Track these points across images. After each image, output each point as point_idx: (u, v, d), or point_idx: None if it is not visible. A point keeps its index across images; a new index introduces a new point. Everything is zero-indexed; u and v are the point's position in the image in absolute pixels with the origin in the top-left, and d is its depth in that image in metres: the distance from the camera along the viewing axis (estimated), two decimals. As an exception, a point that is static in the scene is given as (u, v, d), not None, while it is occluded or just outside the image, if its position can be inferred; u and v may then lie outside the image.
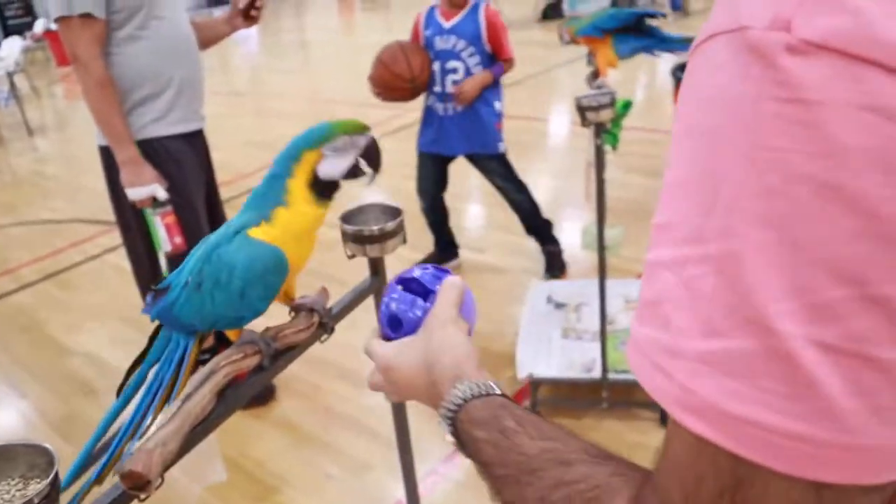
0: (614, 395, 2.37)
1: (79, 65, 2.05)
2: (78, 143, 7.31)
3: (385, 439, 2.43)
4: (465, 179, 4.80)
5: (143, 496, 0.88)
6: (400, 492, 2.20)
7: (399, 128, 6.05)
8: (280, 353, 1.09)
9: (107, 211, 4.92)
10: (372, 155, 1.03)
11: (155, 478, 0.86)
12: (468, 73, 3.05)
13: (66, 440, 2.63)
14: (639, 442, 2.28)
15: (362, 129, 1.02)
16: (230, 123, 6.93)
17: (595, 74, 2.29)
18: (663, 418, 2.33)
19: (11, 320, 3.61)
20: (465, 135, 3.15)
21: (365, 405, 2.62)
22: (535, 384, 2.40)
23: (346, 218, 1.25)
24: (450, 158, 3.31)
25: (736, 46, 0.37)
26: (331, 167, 1.00)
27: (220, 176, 2.66)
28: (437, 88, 3.08)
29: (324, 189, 1.01)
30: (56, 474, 0.79)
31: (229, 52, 11.47)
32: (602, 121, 1.97)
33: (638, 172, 4.33)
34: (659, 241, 0.43)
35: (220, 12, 2.36)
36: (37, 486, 0.80)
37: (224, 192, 4.56)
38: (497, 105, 3.19)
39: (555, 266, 3.33)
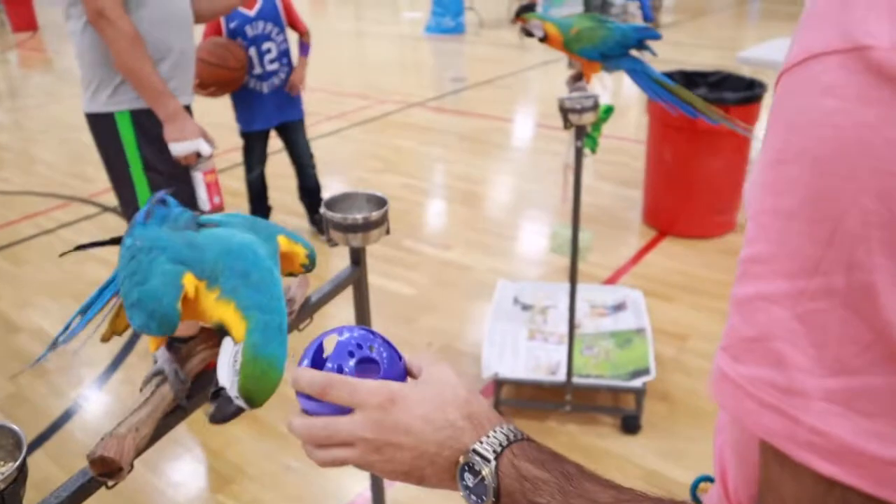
0: (577, 399, 2.38)
1: (106, 23, 1.96)
2: (32, 113, 7.07)
3: (345, 433, 2.40)
4: (430, 175, 4.79)
5: (111, 483, 0.84)
6: (359, 487, 2.18)
7: (367, 119, 5.99)
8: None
9: (61, 184, 4.81)
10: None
11: (127, 464, 0.82)
12: (279, 51, 3.41)
13: (12, 419, 2.53)
14: (599, 446, 2.30)
15: (248, 394, 0.84)
16: (198, 107, 6.76)
17: (577, 76, 2.29)
18: (624, 425, 2.35)
19: (-43, 292, 3.47)
20: (287, 104, 3.53)
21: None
22: (498, 384, 2.40)
23: (330, 204, 1.22)
24: (268, 132, 3.59)
25: (852, 67, 0.35)
26: (222, 354, 0.85)
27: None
28: (258, 70, 3.37)
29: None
30: (24, 458, 0.75)
31: (201, 33, 11.16)
32: (584, 123, 1.97)
33: (608, 180, 4.36)
34: (757, 275, 0.41)
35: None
36: (2, 469, 0.76)
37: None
38: None
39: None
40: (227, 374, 0.82)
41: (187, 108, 2.30)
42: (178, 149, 2.09)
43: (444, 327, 2.98)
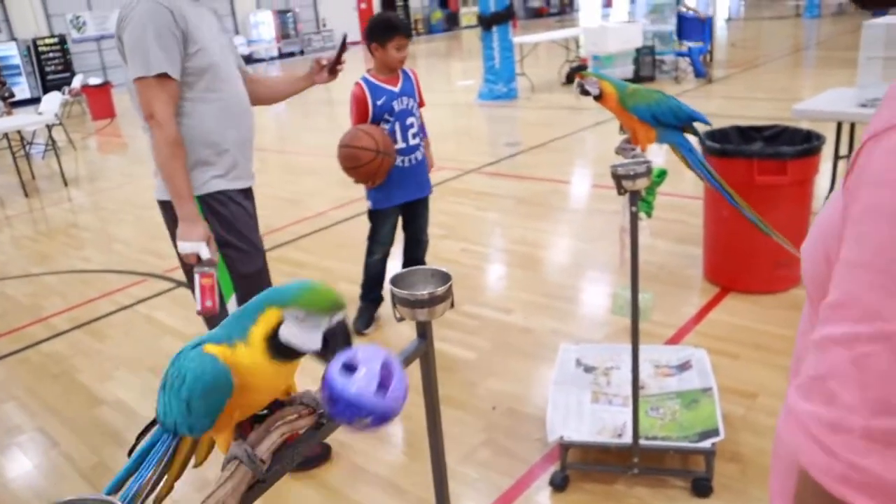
0: (644, 462, 2.35)
1: (154, 123, 2.15)
2: (110, 194, 7.49)
3: (413, 499, 2.42)
4: (490, 240, 4.86)
5: None
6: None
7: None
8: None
9: (138, 262, 5.06)
10: (337, 337, 0.94)
11: None
12: (419, 125, 3.45)
13: (96, 489, 2.64)
14: (670, 510, 2.26)
15: (331, 308, 0.93)
16: (259, 179, 7.06)
17: (628, 141, 2.34)
18: (695, 488, 2.30)
19: (44, 368, 3.66)
20: (423, 179, 3.53)
21: (393, 463, 2.61)
22: (564, 448, 2.39)
23: (395, 281, 1.28)
24: (399, 210, 3.55)
25: None
26: (290, 334, 0.93)
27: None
28: (401, 145, 3.37)
29: (284, 350, 0.94)
30: None
31: (257, 110, 11.69)
32: (637, 189, 2.01)
33: (663, 237, 4.36)
34: (831, 319, 0.45)
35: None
36: None
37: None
38: None
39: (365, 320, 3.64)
40: (305, 336, 0.94)
41: (248, 190, 2.48)
42: (182, 247, 2.23)
43: (507, 390, 3.00)
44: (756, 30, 17.20)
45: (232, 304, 2.38)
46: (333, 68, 2.60)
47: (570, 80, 11.08)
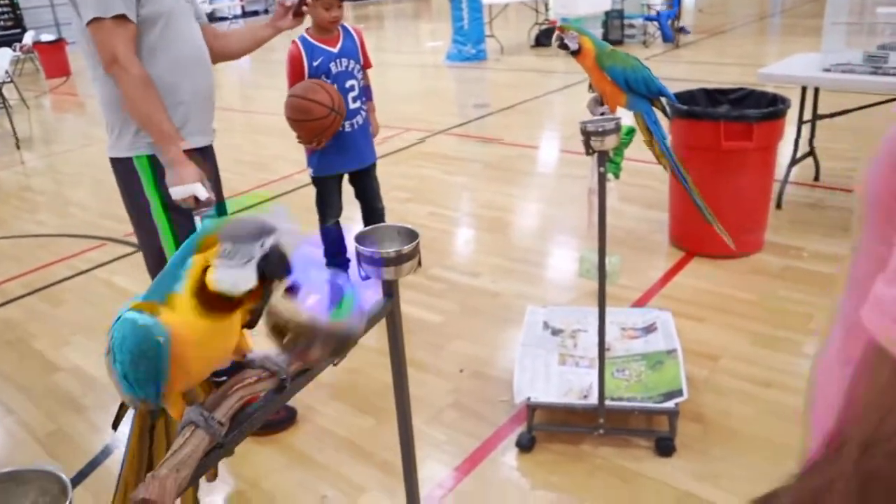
0: (610, 422, 2.37)
1: (117, 66, 2.03)
2: (66, 157, 7.26)
3: (379, 461, 2.41)
4: (457, 203, 4.83)
5: None
6: (396, 516, 2.18)
7: (392, 150, 6.06)
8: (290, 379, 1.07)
9: (96, 226, 4.92)
10: (274, 266, 0.87)
11: None
12: (360, 88, 3.29)
13: (52, 457, 2.59)
14: (633, 469, 2.28)
15: (258, 232, 0.86)
16: (222, 141, 6.92)
17: (598, 101, 2.31)
18: (658, 447, 2.33)
19: (-2, 333, 3.56)
20: (366, 146, 3.40)
21: (359, 427, 2.60)
22: (531, 409, 2.40)
23: (360, 239, 1.24)
24: (342, 177, 3.45)
25: None
26: (220, 279, 0.86)
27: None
28: None
29: (216, 301, 0.88)
30: (70, 502, 0.77)
31: (219, 67, 11.43)
32: (606, 148, 1.99)
33: (634, 203, 4.37)
34: None
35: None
36: None
37: (220, 210, 4.47)
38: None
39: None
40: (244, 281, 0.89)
41: (207, 149, 2.37)
42: (176, 192, 2.14)
43: (474, 353, 2.99)
44: (723, -5, 17.22)
45: None
46: (299, 10, 2.45)
47: (538, 42, 10.99)
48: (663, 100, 2.27)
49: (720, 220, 3.57)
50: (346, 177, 3.46)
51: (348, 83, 3.23)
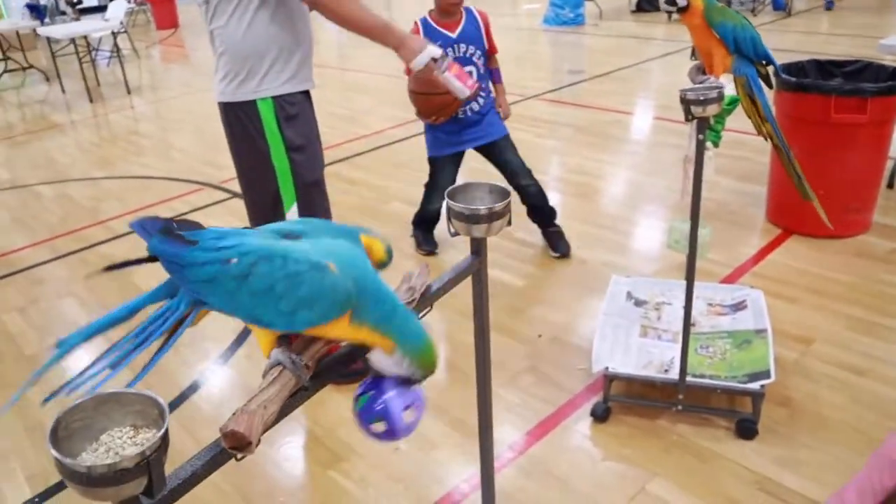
0: (689, 399, 2.32)
1: None
2: (171, 104, 7.55)
3: (453, 420, 2.44)
4: (547, 167, 4.75)
5: (240, 456, 0.88)
6: (467, 472, 2.21)
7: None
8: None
9: (196, 172, 5.11)
10: (412, 384, 1.05)
11: (256, 439, 0.87)
12: (479, 74, 3.21)
13: (146, 387, 2.73)
14: (711, 449, 2.22)
15: (427, 373, 1.03)
16: (317, 94, 7.03)
17: (700, 69, 2.22)
18: (739, 429, 2.26)
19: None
20: (481, 127, 3.31)
21: (435, 384, 2.62)
22: (609, 379, 2.37)
23: (452, 195, 1.23)
24: (459, 157, 3.42)
25: None
26: (383, 363, 1.02)
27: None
28: None
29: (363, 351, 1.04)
30: (167, 428, 0.80)
31: (318, 26, 11.59)
32: (707, 115, 1.90)
33: (726, 174, 4.20)
34: None
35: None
36: (147, 436, 0.82)
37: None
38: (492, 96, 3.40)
39: (562, 245, 3.47)
40: (394, 369, 1.01)
41: (309, 94, 2.43)
42: (417, 62, 2.22)
43: (554, 319, 2.97)
44: (845, -39, 16.14)
45: (292, 213, 2.37)
46: None
47: (639, 7, 10.61)
48: (770, 68, 2.16)
49: (824, 197, 3.41)
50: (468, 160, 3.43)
51: (466, 69, 3.14)
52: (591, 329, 2.72)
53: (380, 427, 1.05)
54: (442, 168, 3.42)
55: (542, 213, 3.49)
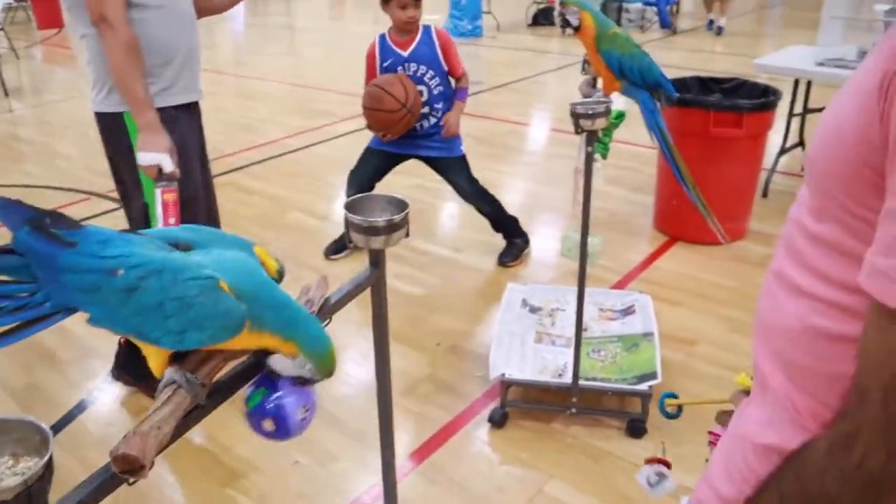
0: (583, 402, 2.40)
1: (106, 26, 2.01)
2: (54, 108, 7.17)
3: (353, 431, 2.43)
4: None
5: (132, 480, 0.84)
6: (367, 482, 2.21)
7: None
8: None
9: (81, 180, 4.87)
10: (306, 383, 1.05)
11: (149, 462, 0.83)
12: (431, 95, 3.23)
13: (27, 410, 2.59)
14: (603, 448, 2.31)
15: (325, 375, 1.04)
16: (212, 102, 6.85)
17: (593, 82, 2.31)
18: (630, 429, 2.36)
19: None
20: (425, 143, 3.32)
21: (334, 396, 2.61)
22: (506, 385, 2.42)
23: (351, 207, 1.23)
24: (401, 158, 3.41)
25: None
26: (283, 365, 1.01)
27: (204, 155, 2.64)
28: None
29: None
30: (51, 455, 0.76)
31: (215, 30, 11.33)
32: (595, 129, 1.99)
33: (620, 185, 4.38)
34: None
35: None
36: (29, 464, 0.77)
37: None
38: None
39: (503, 255, 3.52)
40: (295, 372, 1.01)
41: (194, 105, 2.37)
42: (143, 158, 2.12)
43: (452, 328, 3.01)
44: (724, -17, 17.13)
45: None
46: None
47: (535, 21, 10.91)
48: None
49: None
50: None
51: (417, 87, 3.18)
52: (488, 336, 2.78)
53: (269, 426, 1.03)
54: (366, 159, 3.42)
55: (498, 228, 3.56)
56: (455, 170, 3.40)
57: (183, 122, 2.29)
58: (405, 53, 3.19)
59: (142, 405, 2.57)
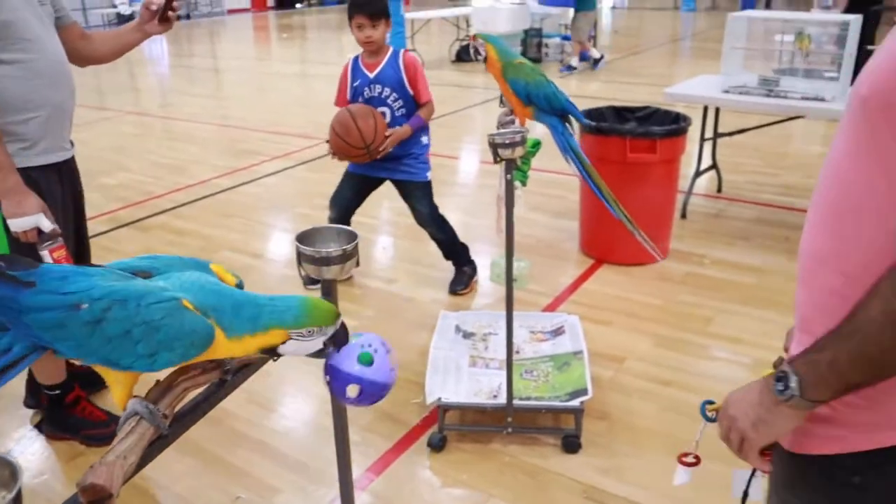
0: (518, 421, 2.47)
1: None
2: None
3: (293, 462, 2.44)
4: (377, 211, 4.88)
5: None
6: (308, 514, 2.21)
7: (311, 158, 6.07)
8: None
9: None
10: (339, 339, 1.09)
11: (116, 491, 0.86)
12: (393, 116, 3.29)
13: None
14: (540, 466, 2.38)
15: (335, 319, 1.06)
16: (139, 144, 6.78)
17: (510, 112, 2.42)
18: (565, 444, 2.44)
19: None
20: (388, 165, 3.38)
21: (271, 429, 2.61)
22: (443, 409, 2.47)
23: (302, 239, 1.25)
24: (376, 181, 3.49)
25: None
26: (294, 348, 1.04)
27: (131, 197, 2.64)
28: None
29: (272, 352, 1.05)
30: (20, 489, 0.78)
31: (139, 72, 11.21)
32: (513, 157, 2.09)
33: (545, 212, 4.52)
34: None
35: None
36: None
37: (136, 213, 4.47)
38: (424, 139, 3.46)
39: (453, 283, 3.60)
40: (312, 345, 1.05)
41: (67, 164, 2.26)
42: (16, 224, 2.00)
43: (389, 358, 3.04)
44: (638, 19, 17.90)
45: None
46: (164, 15, 2.25)
47: (459, 57, 11.17)
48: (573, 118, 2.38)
49: (627, 230, 3.75)
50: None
51: (379, 109, 3.24)
52: (424, 364, 2.82)
53: (354, 392, 1.11)
54: (346, 181, 3.50)
55: (448, 256, 3.64)
56: (418, 195, 3.47)
57: (43, 184, 2.16)
58: (371, 75, 3.26)
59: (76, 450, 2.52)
